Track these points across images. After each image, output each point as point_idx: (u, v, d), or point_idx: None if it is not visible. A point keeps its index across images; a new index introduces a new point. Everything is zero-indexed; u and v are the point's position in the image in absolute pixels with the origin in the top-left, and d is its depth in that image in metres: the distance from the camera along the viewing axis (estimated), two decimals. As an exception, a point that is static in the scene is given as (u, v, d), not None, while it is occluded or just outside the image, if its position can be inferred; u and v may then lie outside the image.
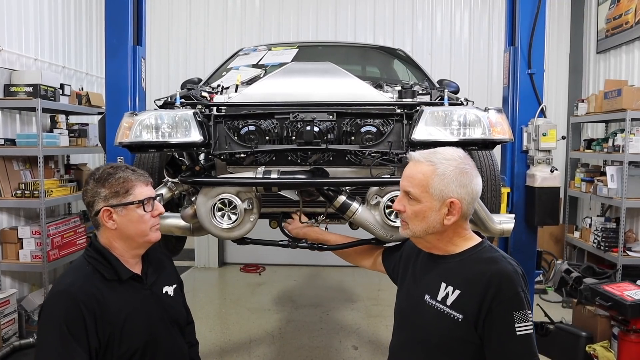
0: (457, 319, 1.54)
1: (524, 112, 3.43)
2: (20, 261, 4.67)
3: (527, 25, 3.42)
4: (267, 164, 2.44)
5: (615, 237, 5.10)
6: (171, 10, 7.09)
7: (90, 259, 1.79)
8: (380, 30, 6.98)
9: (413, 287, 1.75)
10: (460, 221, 1.62)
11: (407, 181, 1.65)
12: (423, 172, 1.60)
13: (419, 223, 1.63)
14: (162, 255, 2.06)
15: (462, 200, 1.58)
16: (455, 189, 1.58)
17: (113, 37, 3.44)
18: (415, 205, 1.62)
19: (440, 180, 1.58)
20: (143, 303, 1.83)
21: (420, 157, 1.64)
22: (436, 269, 1.67)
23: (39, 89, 4.58)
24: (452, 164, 1.59)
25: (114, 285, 1.77)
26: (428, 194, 1.59)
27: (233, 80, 3.04)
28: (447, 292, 1.60)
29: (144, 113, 2.37)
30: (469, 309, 1.53)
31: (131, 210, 1.79)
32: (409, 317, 1.74)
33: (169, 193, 2.57)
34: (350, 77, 2.55)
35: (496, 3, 6.83)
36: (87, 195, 1.81)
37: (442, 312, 1.59)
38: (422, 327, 1.66)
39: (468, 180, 1.60)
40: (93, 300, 1.68)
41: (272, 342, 4.52)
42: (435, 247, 1.68)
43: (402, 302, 1.80)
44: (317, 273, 6.74)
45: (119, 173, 1.80)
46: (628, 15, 5.66)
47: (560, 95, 6.94)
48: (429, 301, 1.64)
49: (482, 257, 1.60)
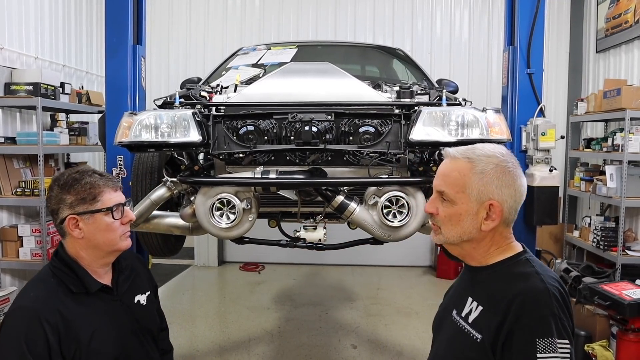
0: (476, 339, 1.35)
1: (523, 112, 3.44)
2: (20, 259, 4.68)
3: (526, 25, 3.43)
4: (265, 163, 2.45)
5: (614, 237, 5.10)
6: (171, 9, 7.09)
7: (56, 270, 1.68)
8: (379, 29, 6.98)
9: (447, 300, 1.61)
10: (500, 228, 1.41)
11: (441, 180, 1.44)
12: (459, 170, 1.39)
13: (452, 228, 1.42)
14: (135, 261, 1.95)
15: (503, 202, 1.37)
16: (495, 189, 1.37)
17: (113, 36, 3.45)
18: (450, 207, 1.41)
19: (479, 180, 1.37)
20: (113, 315, 1.72)
21: (457, 153, 1.43)
22: (467, 282, 1.50)
23: (40, 88, 4.59)
24: (492, 161, 1.38)
25: (81, 298, 1.66)
26: (464, 195, 1.38)
27: (232, 80, 3.05)
28: (471, 308, 1.42)
29: (143, 113, 2.38)
30: (487, 330, 1.33)
31: (99, 218, 1.67)
32: (436, 330, 1.60)
33: (168, 192, 2.58)
34: (349, 78, 2.56)
35: (496, 3, 6.83)
36: (51, 202, 1.69)
37: (463, 329, 1.41)
38: (443, 343, 1.51)
39: (511, 180, 1.38)
40: (57, 317, 1.57)
41: (271, 341, 4.53)
42: (469, 255, 1.47)
43: (437, 312, 1.65)
44: (316, 272, 6.75)
45: (86, 178, 1.68)
46: (627, 14, 5.65)
47: (559, 95, 6.94)
48: (455, 317, 1.47)
49: (513, 272, 1.38)
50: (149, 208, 2.58)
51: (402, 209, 2.34)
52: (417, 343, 4.47)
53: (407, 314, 5.21)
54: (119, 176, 3.41)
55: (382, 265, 6.85)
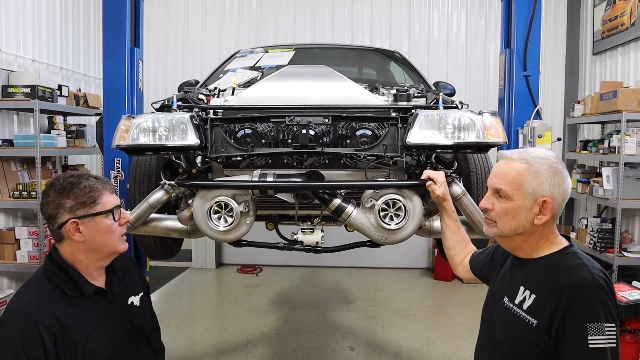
0: (532, 323, 1.52)
1: (520, 114, 3.46)
2: (18, 262, 4.68)
3: (523, 28, 3.45)
4: (263, 166, 2.46)
5: (611, 238, 5.12)
6: (169, 12, 7.10)
7: (50, 274, 1.68)
8: (377, 32, 7.00)
9: (496, 289, 1.75)
10: (549, 223, 1.59)
11: (498, 179, 1.61)
12: (516, 170, 1.57)
13: (508, 221, 1.59)
14: (127, 262, 1.97)
15: (554, 199, 1.55)
16: (548, 187, 1.55)
17: (111, 39, 3.46)
18: (506, 203, 1.59)
19: (535, 178, 1.55)
20: (108, 317, 1.74)
21: (513, 155, 1.61)
22: (518, 272, 1.66)
23: (37, 90, 4.59)
24: (546, 163, 1.56)
25: (76, 301, 1.67)
26: (520, 192, 1.56)
27: (230, 83, 3.06)
28: (524, 296, 1.58)
29: (141, 116, 2.39)
30: (543, 316, 1.50)
31: (99, 220, 1.69)
32: (487, 318, 1.74)
33: (166, 195, 2.58)
34: (346, 81, 2.57)
35: (493, 5, 6.85)
36: (49, 207, 1.68)
37: (517, 315, 1.58)
38: (497, 329, 1.65)
39: (561, 179, 1.56)
40: (53, 320, 1.58)
41: (269, 343, 4.53)
42: (519, 248, 1.65)
43: (486, 303, 1.79)
44: (314, 274, 6.76)
45: (83, 182, 1.69)
46: (624, 17, 5.68)
47: (556, 97, 6.97)
48: (507, 304, 1.63)
49: (563, 264, 1.56)
50: (147, 211, 2.58)
51: (399, 211, 2.34)
52: (414, 345, 4.47)
53: (405, 316, 5.22)
54: (117, 179, 3.41)
55: (380, 267, 6.86)
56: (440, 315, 5.32)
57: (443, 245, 2.19)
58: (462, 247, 2.12)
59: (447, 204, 2.17)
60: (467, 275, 2.05)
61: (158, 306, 5.36)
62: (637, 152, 4.92)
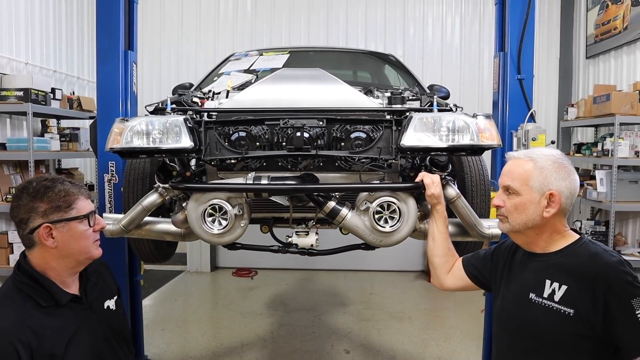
0: (568, 313, 1.57)
1: (514, 117, 3.46)
2: (10, 266, 4.63)
3: (517, 31, 3.45)
4: (257, 169, 2.45)
5: (604, 240, 5.14)
6: (163, 15, 7.09)
7: (21, 285, 1.61)
8: (372, 35, 7.02)
9: (513, 288, 1.77)
10: (559, 216, 1.67)
11: (507, 176, 1.72)
12: (523, 167, 1.68)
13: (518, 216, 1.68)
14: (99, 266, 1.91)
15: (561, 193, 1.64)
16: (554, 181, 1.64)
17: (104, 42, 3.43)
18: (515, 198, 1.69)
19: (540, 173, 1.65)
20: (85, 324, 1.68)
21: (519, 155, 1.73)
22: (537, 267, 1.70)
23: (30, 94, 4.57)
24: (550, 159, 1.67)
25: (51, 311, 1.61)
26: (528, 187, 1.66)
27: (224, 86, 3.05)
28: (553, 289, 1.63)
29: (134, 119, 2.37)
30: (580, 304, 1.56)
31: (73, 226, 1.64)
32: (513, 318, 1.74)
33: (160, 198, 2.57)
34: (340, 84, 2.57)
35: (487, 9, 6.89)
36: (20, 211, 1.62)
37: (551, 308, 1.61)
38: (530, 326, 1.67)
39: (566, 174, 1.66)
40: (29, 334, 1.51)
41: (264, 347, 4.52)
42: (534, 242, 1.72)
43: (503, 305, 1.80)
44: (309, 277, 6.75)
45: (58, 186, 1.64)
46: (616, 21, 5.72)
47: (550, 100, 7.01)
48: (535, 299, 1.66)
49: (586, 253, 1.63)
50: (141, 214, 2.57)
51: (394, 214, 2.34)
52: (409, 348, 4.47)
53: (400, 319, 5.22)
54: (110, 182, 3.39)
55: (375, 270, 6.86)
56: (435, 318, 5.32)
57: (431, 254, 2.16)
58: (451, 255, 2.12)
59: (440, 207, 2.17)
60: (458, 282, 2.04)
61: (152, 310, 5.35)
62: (630, 155, 4.96)
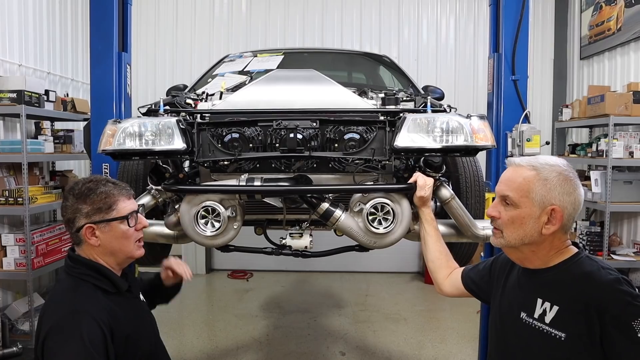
0: (559, 337, 1.43)
1: (509, 118, 3.46)
2: (4, 269, 4.60)
3: (511, 32, 3.46)
4: (250, 171, 2.44)
5: (599, 241, 5.15)
6: (157, 16, 7.07)
7: (84, 276, 1.72)
8: (366, 36, 7.02)
9: (507, 304, 1.64)
10: (559, 233, 1.50)
11: (505, 185, 1.55)
12: (524, 177, 1.50)
13: (514, 230, 1.51)
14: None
15: (564, 209, 1.47)
16: (558, 196, 1.47)
17: (98, 44, 3.42)
18: (513, 210, 1.51)
19: (543, 186, 1.47)
20: (139, 312, 1.85)
21: (521, 162, 1.54)
22: (530, 284, 1.56)
23: (23, 95, 4.54)
24: (555, 170, 1.49)
25: (115, 298, 1.74)
26: (528, 199, 1.49)
27: (218, 87, 3.05)
28: (544, 309, 1.48)
29: (127, 121, 2.37)
30: (573, 330, 1.41)
31: (115, 226, 1.74)
32: (505, 336, 1.63)
33: (153, 200, 2.56)
34: (334, 85, 2.56)
35: (481, 10, 6.90)
36: (67, 211, 1.74)
37: (541, 330, 1.48)
38: (521, 348, 1.55)
39: (572, 188, 1.48)
40: (107, 316, 1.64)
41: (259, 349, 4.51)
42: (528, 259, 1.57)
43: (496, 319, 1.68)
44: (304, 279, 6.73)
45: (100, 188, 1.74)
46: (610, 22, 5.74)
47: (545, 101, 7.02)
48: (526, 319, 1.53)
49: (580, 270, 1.47)
50: (134, 216, 2.55)
51: (388, 215, 2.34)
52: (405, 349, 4.46)
53: (396, 320, 5.21)
54: None
55: (371, 271, 6.86)
56: (431, 319, 5.32)
57: (426, 259, 2.13)
58: (445, 260, 2.06)
59: (426, 210, 2.17)
60: (455, 291, 1.96)
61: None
62: (624, 155, 4.97)
